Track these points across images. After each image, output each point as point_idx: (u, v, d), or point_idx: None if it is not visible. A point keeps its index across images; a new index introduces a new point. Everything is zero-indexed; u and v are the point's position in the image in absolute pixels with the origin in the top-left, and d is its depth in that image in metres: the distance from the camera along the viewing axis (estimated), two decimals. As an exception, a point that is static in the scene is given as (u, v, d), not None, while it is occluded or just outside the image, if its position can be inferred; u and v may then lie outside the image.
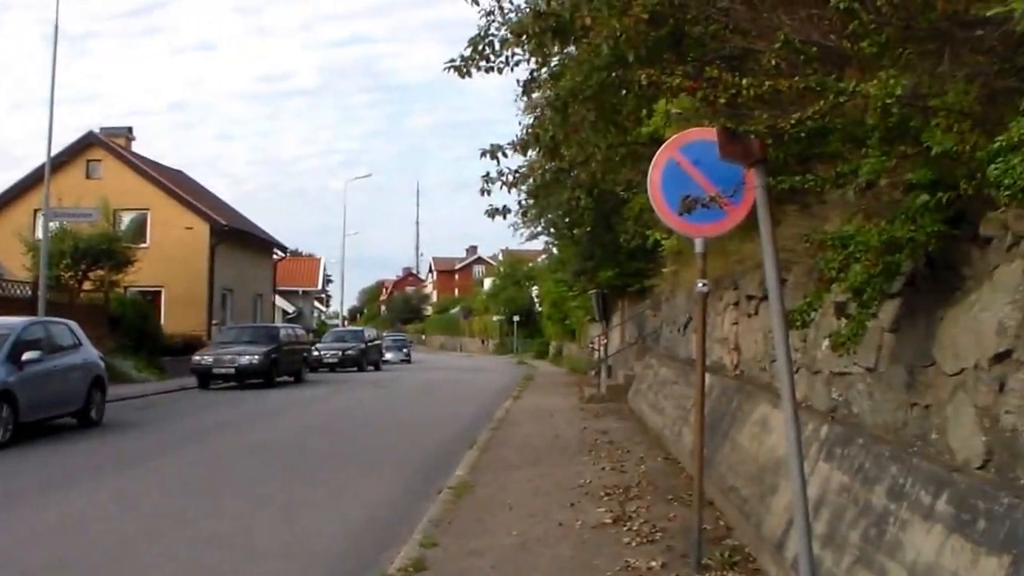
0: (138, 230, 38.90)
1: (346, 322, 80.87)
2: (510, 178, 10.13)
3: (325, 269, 75.41)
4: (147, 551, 8.35)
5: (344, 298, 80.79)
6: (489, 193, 10.11)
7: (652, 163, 7.47)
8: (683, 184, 6.77)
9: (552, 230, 30.59)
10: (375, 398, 27.28)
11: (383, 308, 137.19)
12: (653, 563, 7.30)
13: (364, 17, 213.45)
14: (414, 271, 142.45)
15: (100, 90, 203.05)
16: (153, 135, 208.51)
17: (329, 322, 78.01)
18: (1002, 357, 4.40)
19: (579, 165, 9.86)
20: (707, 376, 11.80)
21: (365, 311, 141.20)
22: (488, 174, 10.01)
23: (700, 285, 7.55)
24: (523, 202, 15.71)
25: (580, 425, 17.59)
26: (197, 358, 29.77)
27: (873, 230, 4.92)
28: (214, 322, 39.17)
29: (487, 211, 10.75)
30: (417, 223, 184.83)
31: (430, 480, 11.74)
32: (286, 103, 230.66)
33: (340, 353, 43.63)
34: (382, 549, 8.28)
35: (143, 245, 37.20)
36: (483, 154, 9.60)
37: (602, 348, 28.16)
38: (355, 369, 43.21)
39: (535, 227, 30.45)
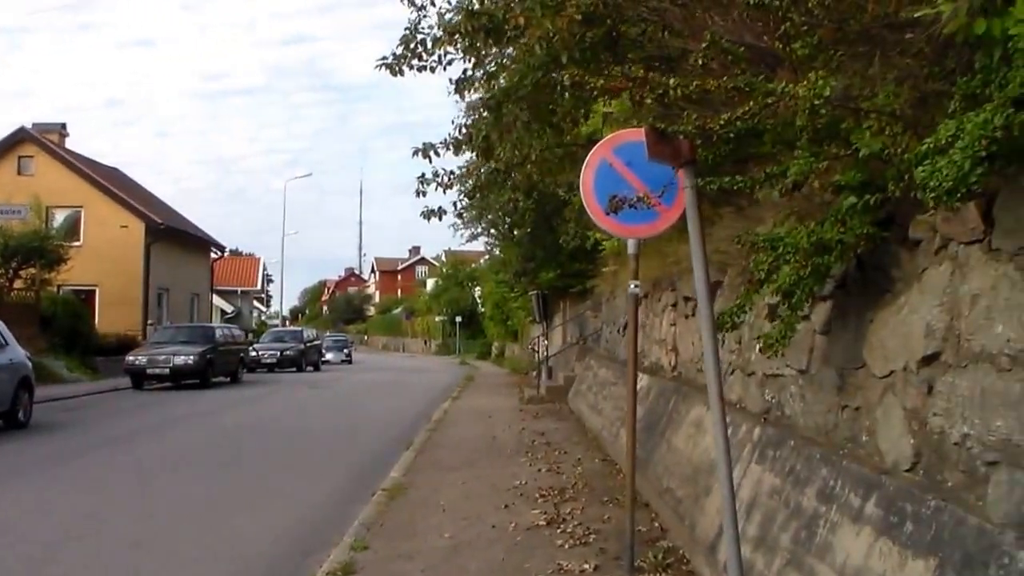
0: (71, 228, 38.48)
1: (288, 322, 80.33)
2: (446, 179, 10.07)
3: (265, 269, 74.93)
4: (66, 555, 8.18)
5: (285, 298, 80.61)
6: (424, 194, 10.04)
7: (584, 164, 7.41)
8: (616, 185, 6.67)
9: (492, 231, 30.56)
10: (312, 399, 27.04)
11: (325, 308, 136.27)
12: (586, 565, 7.25)
13: (309, 16, 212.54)
14: (357, 271, 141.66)
15: (35, 86, 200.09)
16: (91, 132, 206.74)
17: (269, 322, 77.45)
18: (930, 359, 4.40)
19: (515, 167, 9.79)
20: (645, 377, 11.84)
21: (307, 311, 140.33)
22: (423, 175, 9.94)
23: (633, 286, 7.52)
24: (458, 203, 15.67)
25: (518, 426, 17.52)
26: (131, 358, 29.36)
27: (802, 232, 4.89)
28: (149, 322, 38.71)
29: (422, 213, 10.71)
30: (360, 223, 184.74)
31: (364, 482, 11.60)
32: (229, 101, 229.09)
33: (278, 353, 43.38)
34: (311, 553, 8.17)
35: (76, 243, 36.71)
36: (415, 153, 9.53)
37: (542, 349, 28.12)
38: (294, 370, 42.95)
39: (475, 228, 30.44)
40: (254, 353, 40.62)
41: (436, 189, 10.07)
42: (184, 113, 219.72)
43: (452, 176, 10.27)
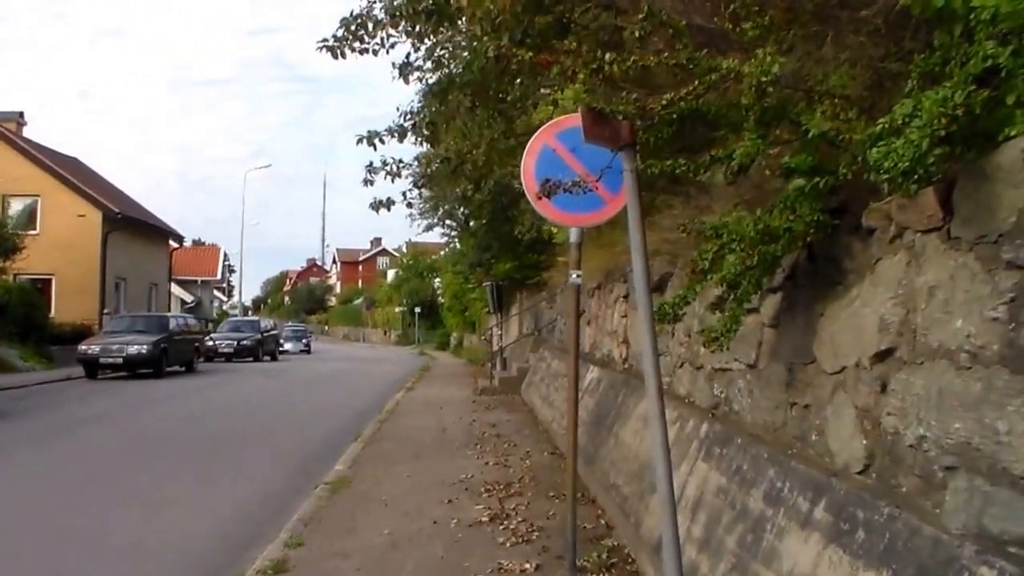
0: (28, 217, 38.16)
1: (249, 312, 79.99)
2: (394, 168, 9.78)
3: (227, 259, 74.62)
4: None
5: (244, 288, 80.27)
6: (372, 183, 9.76)
7: (525, 150, 7.10)
8: (558, 172, 6.25)
9: (448, 221, 30.39)
10: (265, 388, 26.79)
11: (287, 298, 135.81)
12: (527, 565, 7.02)
13: (279, 7, 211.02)
14: (319, 262, 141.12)
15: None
16: (60, 123, 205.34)
17: (231, 312, 77.06)
18: (883, 356, 4.14)
19: (465, 155, 9.51)
20: (596, 369, 11.61)
21: (269, 301, 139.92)
22: (371, 163, 9.66)
23: (574, 276, 7.26)
24: (407, 193, 15.41)
25: (469, 418, 17.35)
26: (84, 347, 29.13)
27: (748, 219, 4.61)
28: (106, 311, 38.40)
29: (371, 204, 10.41)
30: (323, 214, 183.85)
31: (309, 474, 11.37)
32: (196, 92, 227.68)
33: (235, 343, 43.32)
34: (246, 548, 7.90)
35: (33, 232, 36.44)
36: (359, 140, 9.23)
37: (496, 340, 27.89)
38: (250, 359, 42.89)
39: (431, 218, 30.25)
40: (211, 343, 40.81)
41: (385, 178, 9.79)
42: (151, 103, 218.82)
43: (401, 164, 9.98)
